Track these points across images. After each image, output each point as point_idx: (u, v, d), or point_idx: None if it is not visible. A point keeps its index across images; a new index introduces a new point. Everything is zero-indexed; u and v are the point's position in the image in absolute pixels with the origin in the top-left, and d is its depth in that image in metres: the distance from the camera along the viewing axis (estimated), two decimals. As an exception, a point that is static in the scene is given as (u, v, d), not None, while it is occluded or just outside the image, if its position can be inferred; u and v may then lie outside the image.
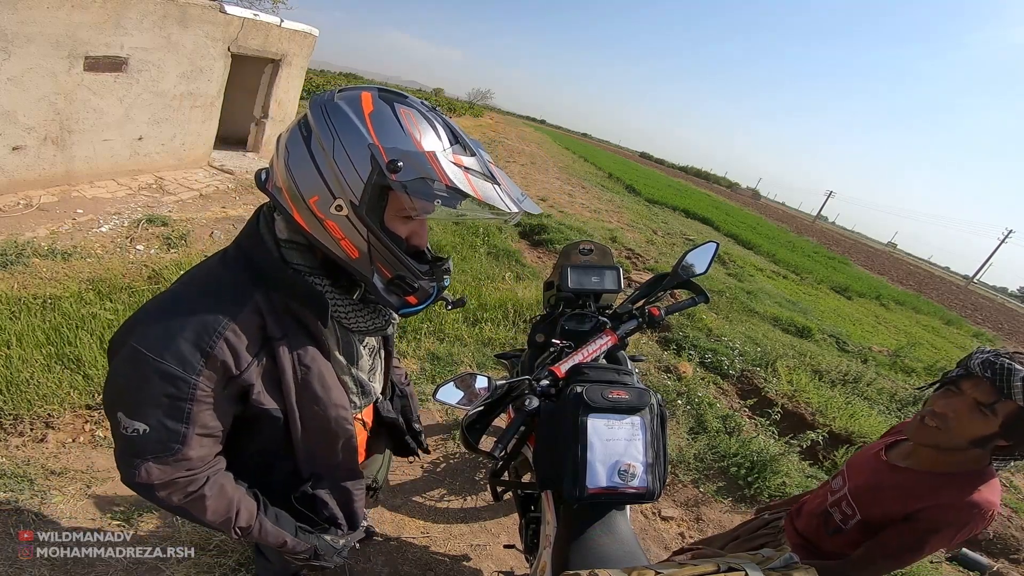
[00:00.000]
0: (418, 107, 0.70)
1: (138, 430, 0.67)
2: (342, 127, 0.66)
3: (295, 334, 0.76)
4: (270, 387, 0.75)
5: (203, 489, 0.75)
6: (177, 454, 0.70)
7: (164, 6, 3.98)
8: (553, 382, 1.22)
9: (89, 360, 2.12)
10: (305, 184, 0.68)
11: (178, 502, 0.74)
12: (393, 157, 0.64)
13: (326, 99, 0.69)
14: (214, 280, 0.73)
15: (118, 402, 0.68)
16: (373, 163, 0.65)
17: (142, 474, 0.70)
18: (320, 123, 0.67)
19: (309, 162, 0.67)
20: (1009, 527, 2.71)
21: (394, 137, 0.65)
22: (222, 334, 0.68)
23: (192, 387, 0.67)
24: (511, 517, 2.06)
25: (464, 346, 3.16)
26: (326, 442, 0.85)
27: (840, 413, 3.40)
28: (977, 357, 0.96)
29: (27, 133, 3.49)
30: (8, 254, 2.80)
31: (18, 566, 1.42)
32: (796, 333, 5.40)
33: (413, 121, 0.67)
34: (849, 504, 1.11)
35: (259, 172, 0.76)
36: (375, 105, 0.68)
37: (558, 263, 1.76)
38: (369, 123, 0.66)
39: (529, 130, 42.94)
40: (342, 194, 0.67)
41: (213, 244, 3.69)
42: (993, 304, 29.36)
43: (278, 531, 0.85)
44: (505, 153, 15.84)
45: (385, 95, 0.70)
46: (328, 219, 0.69)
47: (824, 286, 10.40)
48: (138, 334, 0.67)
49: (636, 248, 7.09)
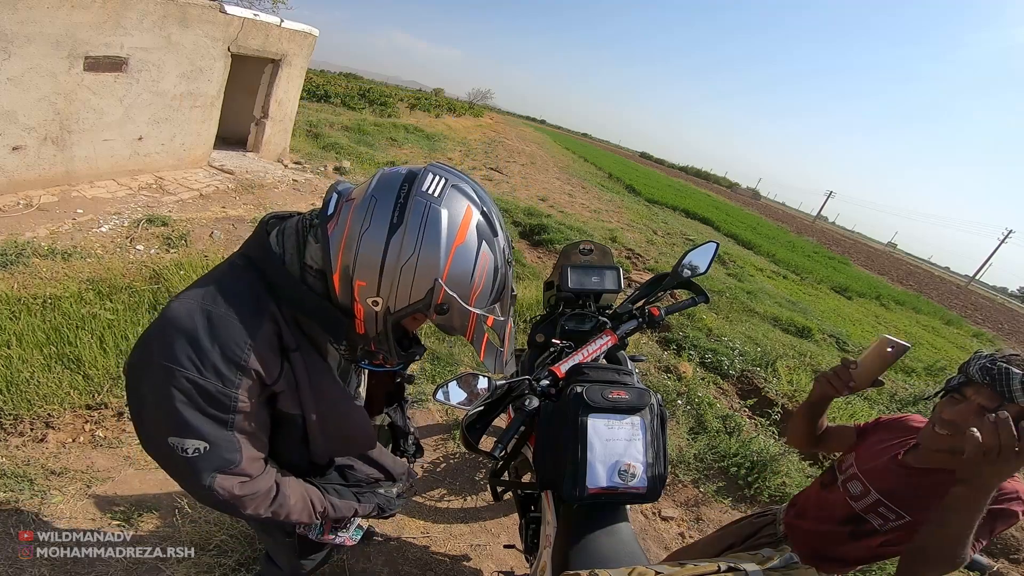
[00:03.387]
0: (498, 254, 0.72)
1: (199, 449, 0.68)
2: (429, 244, 0.64)
3: (305, 345, 0.77)
4: (290, 393, 0.77)
5: (282, 490, 0.80)
6: (240, 465, 0.72)
7: (164, 6, 3.98)
8: (553, 382, 1.22)
9: (89, 360, 2.12)
10: (362, 266, 0.66)
11: (266, 512, 0.78)
12: (446, 302, 0.67)
13: (434, 199, 0.65)
14: (232, 292, 0.71)
15: (167, 427, 0.67)
16: (428, 295, 0.67)
17: (221, 492, 0.71)
18: (415, 223, 0.64)
19: (379, 252, 0.65)
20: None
21: (459, 282, 0.68)
22: (252, 345, 0.68)
23: (234, 400, 0.68)
24: (511, 517, 2.06)
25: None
26: (346, 439, 0.89)
27: (840, 413, 3.40)
28: (975, 363, 0.96)
29: (27, 133, 3.49)
30: (8, 254, 2.80)
31: (18, 566, 1.42)
32: (796, 333, 5.40)
33: (484, 272, 0.70)
34: (889, 508, 1.09)
35: (330, 196, 0.72)
36: (467, 237, 0.67)
37: (558, 263, 1.76)
38: (451, 256, 0.66)
39: (529, 130, 42.93)
40: (386, 296, 0.68)
41: (213, 244, 3.69)
42: (993, 304, 29.34)
43: (347, 503, 0.93)
44: (505, 153, 15.84)
45: (482, 227, 0.69)
46: (360, 303, 0.70)
47: (824, 286, 10.40)
48: (164, 354, 0.65)
49: (636, 248, 7.09)
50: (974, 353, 1.01)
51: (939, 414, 1.03)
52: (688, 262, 1.43)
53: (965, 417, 0.96)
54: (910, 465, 1.10)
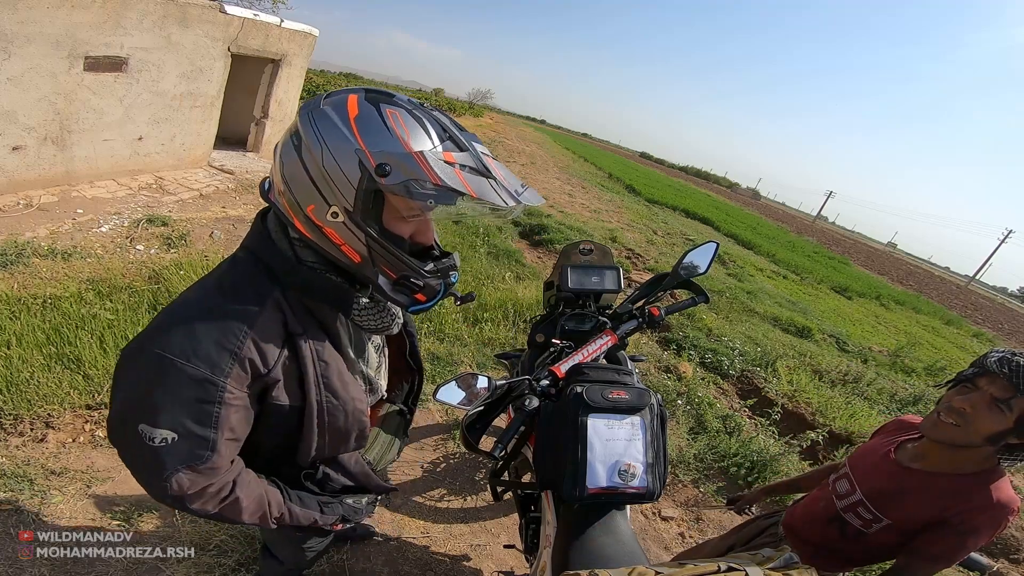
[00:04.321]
0: (405, 105, 0.69)
1: (166, 439, 0.65)
2: (328, 133, 0.65)
3: (312, 330, 0.76)
4: (289, 384, 0.75)
5: (235, 492, 0.75)
6: (208, 461, 0.68)
7: (164, 6, 3.98)
8: (553, 382, 1.22)
9: (89, 360, 2.12)
10: (301, 193, 0.68)
11: (214, 509, 0.74)
12: (381, 161, 0.63)
13: (313, 106, 0.68)
14: (230, 282, 0.72)
15: (138, 413, 0.65)
16: (362, 168, 0.64)
17: (174, 486, 0.68)
18: (308, 131, 0.66)
19: (302, 171, 0.67)
20: (1009, 527, 2.71)
21: (381, 140, 0.64)
22: (248, 334, 0.68)
23: (221, 390, 0.66)
24: (511, 517, 2.06)
25: (464, 346, 3.16)
26: (341, 434, 0.86)
27: (840, 413, 3.39)
28: (993, 355, 0.98)
29: (27, 133, 3.49)
30: (8, 254, 2.80)
31: (18, 566, 1.42)
32: (796, 333, 5.40)
33: (400, 121, 0.66)
34: (868, 509, 1.10)
35: (263, 182, 0.76)
36: (360, 108, 0.66)
37: (558, 263, 1.76)
38: (355, 127, 0.65)
39: (529, 130, 42.94)
40: (336, 201, 0.67)
41: (213, 244, 3.69)
42: (993, 304, 29.35)
43: (306, 512, 0.88)
44: (505, 153, 15.85)
45: (372, 96, 0.69)
46: (327, 226, 0.69)
47: (824, 286, 10.39)
48: (159, 341, 0.65)
49: (636, 248, 7.09)
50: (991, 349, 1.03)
51: (947, 401, 1.03)
52: (688, 262, 1.43)
53: (976, 406, 0.97)
54: (900, 463, 1.11)
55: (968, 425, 0.98)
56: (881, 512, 1.08)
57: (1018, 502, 0.99)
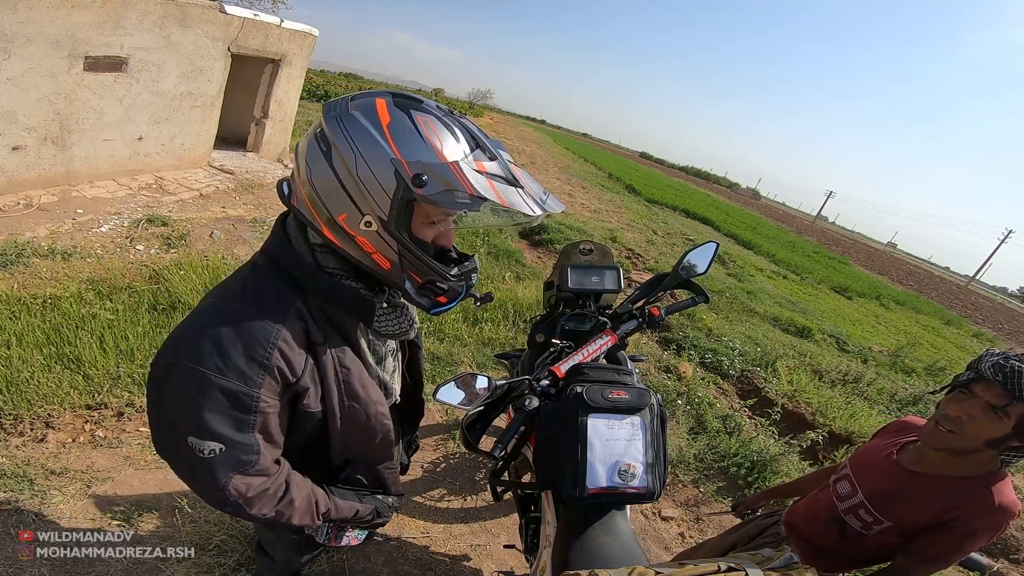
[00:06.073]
0: (435, 112, 0.69)
1: (215, 450, 0.67)
2: (362, 141, 0.64)
3: (333, 337, 0.77)
4: (315, 390, 0.76)
5: (290, 493, 0.78)
6: (256, 464, 0.71)
7: (164, 6, 3.98)
8: (553, 382, 1.22)
9: (89, 360, 2.12)
10: (332, 202, 0.67)
11: (271, 512, 0.77)
12: (417, 171, 0.63)
13: (341, 110, 0.67)
14: (253, 291, 0.72)
15: (185, 426, 0.67)
16: (398, 178, 0.64)
17: (232, 492, 0.70)
18: (339, 137, 0.65)
19: (333, 179, 0.66)
20: (1009, 527, 2.71)
21: (416, 149, 0.64)
22: (275, 344, 0.68)
23: (255, 400, 0.67)
24: (511, 517, 2.06)
25: (464, 346, 3.16)
26: (365, 437, 0.88)
27: (840, 413, 3.39)
28: (988, 360, 0.95)
29: (27, 133, 3.49)
30: (8, 254, 2.80)
31: (18, 566, 1.42)
32: (796, 333, 5.40)
33: (432, 129, 0.66)
34: (869, 511, 1.09)
35: (280, 184, 0.75)
36: (392, 114, 0.66)
37: (558, 263, 1.76)
38: (388, 135, 0.64)
39: (529, 130, 42.95)
40: (370, 211, 0.67)
41: (213, 244, 3.69)
42: (993, 304, 29.34)
43: (349, 504, 0.92)
44: (505, 153, 15.85)
45: (400, 101, 0.68)
46: (359, 235, 0.69)
47: (824, 286, 10.39)
48: (188, 354, 0.66)
49: (636, 248, 7.09)
50: (986, 350, 1.01)
51: (944, 410, 1.02)
52: (688, 262, 1.43)
53: (971, 413, 0.96)
54: (903, 465, 1.10)
55: (965, 432, 0.97)
56: (882, 514, 1.08)
57: (1019, 505, 0.98)
